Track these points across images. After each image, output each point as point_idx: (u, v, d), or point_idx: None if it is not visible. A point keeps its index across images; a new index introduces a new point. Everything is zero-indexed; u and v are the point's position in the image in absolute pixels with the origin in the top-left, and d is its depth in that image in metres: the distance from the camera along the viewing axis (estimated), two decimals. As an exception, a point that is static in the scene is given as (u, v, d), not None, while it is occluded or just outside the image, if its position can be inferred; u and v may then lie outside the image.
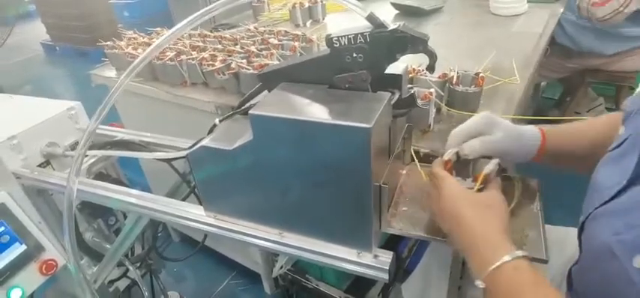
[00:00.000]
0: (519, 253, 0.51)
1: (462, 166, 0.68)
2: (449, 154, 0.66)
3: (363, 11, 0.54)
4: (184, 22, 0.59)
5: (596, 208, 0.52)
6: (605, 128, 0.69)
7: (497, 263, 0.51)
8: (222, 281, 1.78)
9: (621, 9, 1.65)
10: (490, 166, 0.63)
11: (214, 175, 0.68)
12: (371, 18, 0.55)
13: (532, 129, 0.71)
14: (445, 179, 0.62)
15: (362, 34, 0.55)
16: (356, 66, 0.57)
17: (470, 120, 0.69)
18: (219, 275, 1.80)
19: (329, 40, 0.57)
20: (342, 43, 0.56)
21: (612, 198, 0.51)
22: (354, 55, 0.56)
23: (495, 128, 0.67)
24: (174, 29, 0.60)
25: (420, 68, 0.96)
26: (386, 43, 0.55)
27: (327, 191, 0.59)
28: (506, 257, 0.51)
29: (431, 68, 0.58)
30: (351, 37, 0.55)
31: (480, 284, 0.52)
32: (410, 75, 0.93)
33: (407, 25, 0.56)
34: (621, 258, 0.44)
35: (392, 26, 0.55)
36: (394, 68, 0.61)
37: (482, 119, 0.68)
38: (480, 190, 0.62)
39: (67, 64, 5.01)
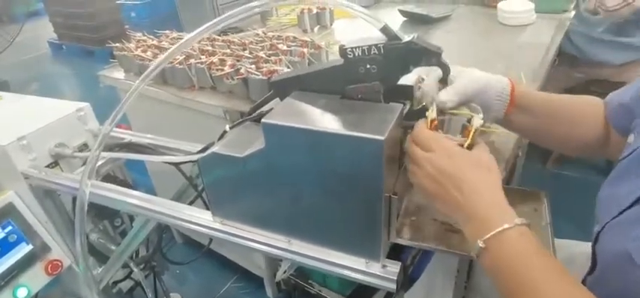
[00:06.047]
0: (525, 221, 0.50)
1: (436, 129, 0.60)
2: (433, 111, 0.57)
3: (378, 22, 0.54)
4: (201, 28, 0.59)
5: (613, 218, 0.52)
6: (584, 107, 0.70)
7: (506, 226, 0.48)
8: (225, 284, 1.78)
9: (630, 1, 1.64)
10: (478, 121, 0.56)
11: (224, 181, 0.68)
12: (385, 30, 0.55)
13: (498, 76, 0.69)
14: (438, 139, 0.55)
15: (376, 45, 0.55)
16: (369, 77, 0.57)
17: (431, 77, 0.64)
18: (221, 278, 1.80)
19: (343, 51, 0.57)
20: (356, 54, 0.56)
21: (629, 207, 0.50)
22: (368, 66, 0.56)
23: (461, 74, 0.64)
24: (194, 33, 0.60)
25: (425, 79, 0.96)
26: (400, 55, 0.55)
27: (338, 200, 0.59)
28: (517, 220, 0.49)
29: (444, 81, 0.58)
30: (365, 48, 0.56)
31: (480, 244, 0.49)
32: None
33: (421, 37, 0.56)
34: None
35: (407, 38, 0.55)
36: (405, 79, 0.61)
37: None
38: (469, 147, 0.55)
39: (73, 63, 5.05)
